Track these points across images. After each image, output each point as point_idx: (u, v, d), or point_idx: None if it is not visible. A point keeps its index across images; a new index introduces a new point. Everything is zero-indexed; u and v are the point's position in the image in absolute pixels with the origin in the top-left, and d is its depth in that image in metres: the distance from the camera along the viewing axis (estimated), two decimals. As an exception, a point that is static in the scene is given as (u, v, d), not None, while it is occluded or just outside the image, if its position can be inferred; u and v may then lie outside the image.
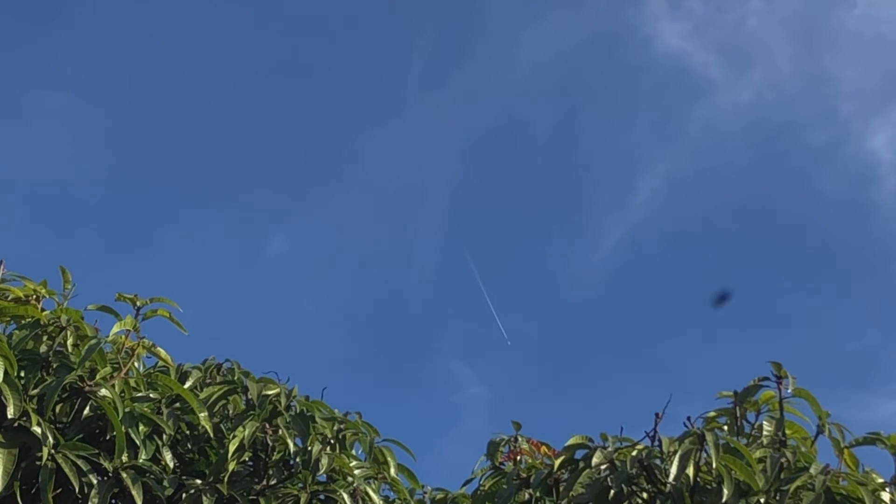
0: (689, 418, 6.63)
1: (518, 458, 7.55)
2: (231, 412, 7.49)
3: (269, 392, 7.39)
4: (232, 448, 6.92)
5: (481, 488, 7.49)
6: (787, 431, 6.84)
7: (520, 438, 7.69)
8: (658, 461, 6.51)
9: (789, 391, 6.84)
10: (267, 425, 7.16)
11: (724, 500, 6.21)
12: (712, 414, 7.00)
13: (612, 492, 6.55)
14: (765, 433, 6.85)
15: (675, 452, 6.34)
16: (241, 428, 7.02)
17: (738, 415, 6.95)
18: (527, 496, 7.07)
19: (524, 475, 7.03)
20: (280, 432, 7.15)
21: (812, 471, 6.32)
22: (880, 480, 6.60)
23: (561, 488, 6.86)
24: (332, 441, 7.40)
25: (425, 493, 8.07)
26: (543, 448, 7.71)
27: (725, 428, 6.92)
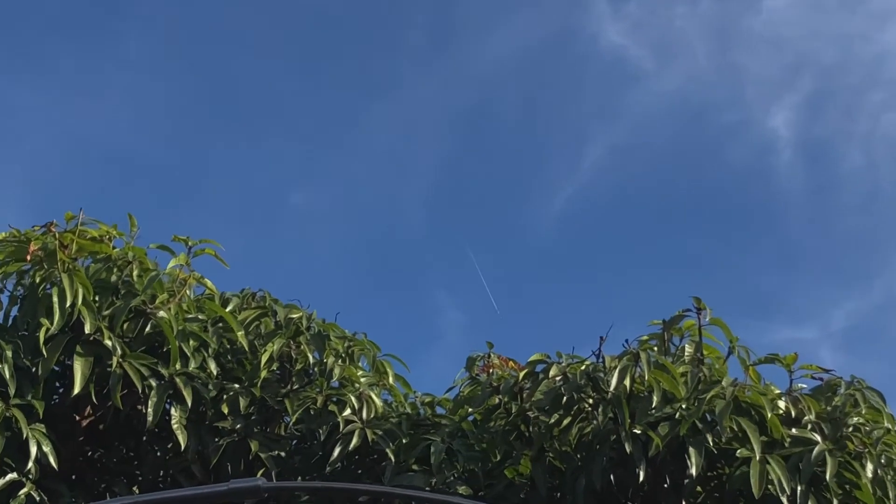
0: (626, 341, 6.73)
1: (490, 370, 7.57)
2: (263, 331, 7.51)
3: (294, 315, 7.42)
4: (263, 360, 7.02)
5: (461, 394, 7.52)
6: (705, 352, 6.91)
7: (492, 355, 7.72)
8: (602, 374, 6.57)
9: (707, 320, 6.86)
10: (291, 342, 7.24)
11: (653, 405, 6.36)
12: (645, 338, 7.01)
13: (565, 398, 6.64)
14: (686, 353, 6.94)
15: (615, 367, 6.45)
16: (270, 343, 7.12)
17: (666, 338, 6.99)
18: (497, 401, 7.13)
19: (495, 384, 7.06)
20: (302, 347, 7.25)
21: (724, 383, 6.47)
22: (777, 391, 6.75)
23: (524, 395, 6.91)
24: (343, 355, 7.47)
25: (416, 397, 8.01)
26: (511, 363, 7.70)
27: (655, 349, 6.94)
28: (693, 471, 6.18)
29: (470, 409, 7.30)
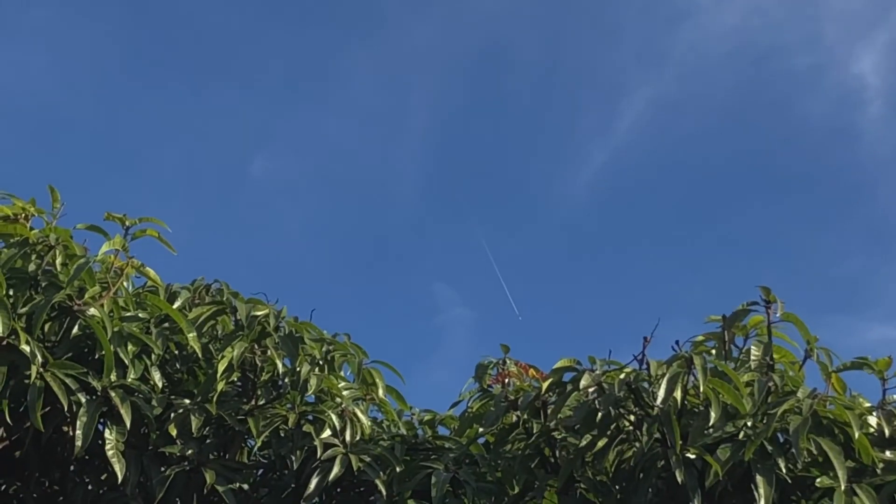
0: (677, 342, 6.63)
1: (506, 380, 7.57)
2: (220, 332, 7.51)
3: (258, 313, 7.40)
4: (221, 368, 6.99)
5: (469, 410, 7.51)
6: (775, 356, 6.84)
7: (508, 361, 7.75)
8: (646, 384, 6.53)
9: (777, 316, 6.81)
10: (255, 346, 7.21)
11: (711, 423, 6.27)
12: (700, 338, 6.98)
13: (600, 414, 6.57)
14: (753, 357, 6.85)
15: (662, 376, 6.38)
16: (229, 348, 7.08)
17: (727, 339, 6.93)
18: (514, 418, 7.11)
19: (512, 397, 7.03)
20: (269, 353, 7.20)
21: (799, 395, 6.37)
22: (867, 405, 6.63)
23: (549, 411, 6.87)
24: (320, 362, 7.44)
25: (413, 414, 8.07)
26: (531, 371, 7.70)
27: (713, 352, 6.91)
28: (762, 504, 6.12)
29: (480, 429, 7.30)
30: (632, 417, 6.66)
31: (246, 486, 7.17)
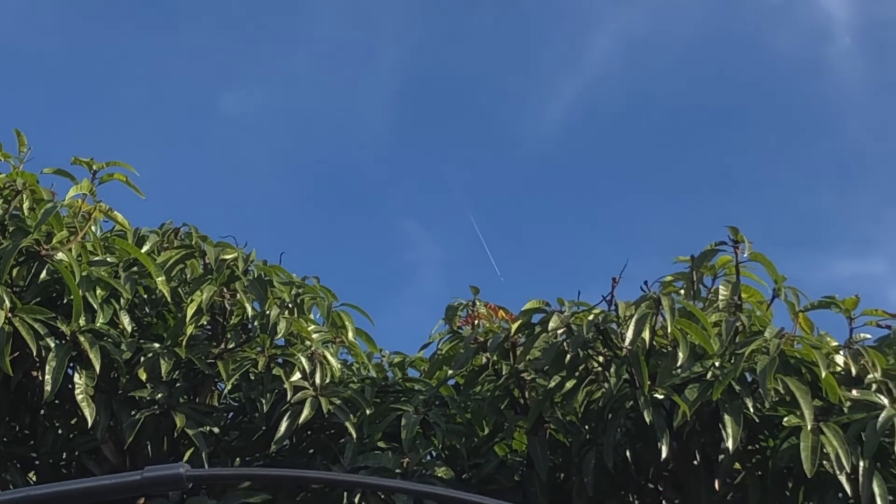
0: (645, 282, 6.69)
1: (476, 322, 7.56)
2: (189, 276, 7.46)
3: (227, 256, 7.36)
4: (190, 312, 6.94)
5: (439, 352, 7.52)
6: (743, 295, 6.90)
7: (477, 303, 7.71)
8: (614, 325, 6.56)
9: (746, 255, 6.86)
10: (225, 289, 7.17)
11: (679, 363, 6.31)
12: (669, 278, 7.02)
13: (569, 356, 6.62)
14: (721, 297, 6.92)
15: (631, 317, 6.42)
16: (198, 292, 7.04)
17: (695, 279, 6.98)
18: (484, 360, 7.13)
19: (481, 339, 7.04)
20: (238, 296, 7.16)
21: (767, 334, 6.41)
22: (834, 344, 6.71)
23: (518, 352, 6.90)
24: (290, 305, 7.42)
25: (383, 356, 8.08)
26: (501, 312, 7.69)
27: (682, 292, 6.95)
28: (729, 444, 6.15)
29: (450, 371, 7.32)
30: (600, 358, 6.71)
31: (216, 430, 7.16)
